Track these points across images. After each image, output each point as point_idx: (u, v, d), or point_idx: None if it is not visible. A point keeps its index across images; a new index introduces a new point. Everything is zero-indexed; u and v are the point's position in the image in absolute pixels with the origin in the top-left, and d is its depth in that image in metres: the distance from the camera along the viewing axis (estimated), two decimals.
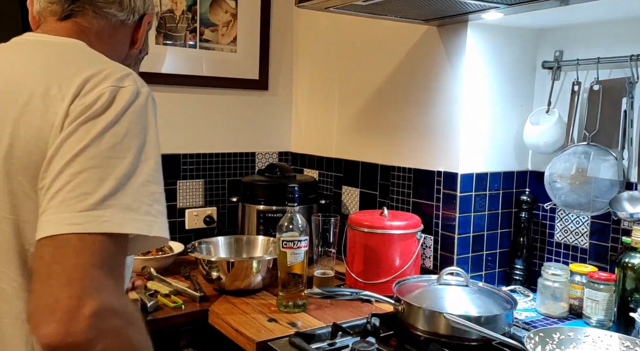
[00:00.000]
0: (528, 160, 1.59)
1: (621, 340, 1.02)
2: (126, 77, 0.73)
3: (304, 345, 1.13)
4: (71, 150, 0.65)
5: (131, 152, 0.67)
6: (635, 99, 1.29)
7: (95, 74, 0.71)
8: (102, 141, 0.66)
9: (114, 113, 0.68)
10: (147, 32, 0.96)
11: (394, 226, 1.44)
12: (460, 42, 1.45)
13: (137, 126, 0.69)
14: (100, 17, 0.85)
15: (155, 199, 0.68)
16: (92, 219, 0.62)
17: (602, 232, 1.40)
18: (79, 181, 0.63)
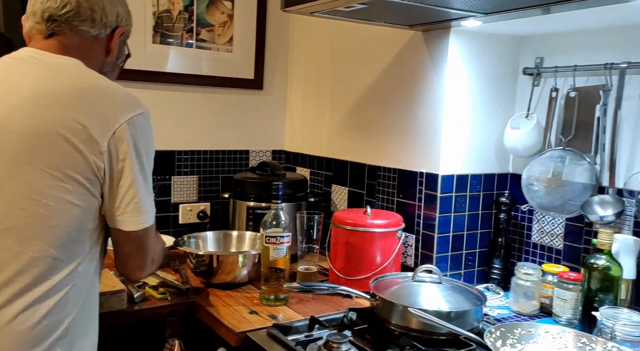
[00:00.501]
0: (509, 163, 1.64)
1: (578, 336, 1.06)
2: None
3: (280, 336, 1.18)
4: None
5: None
6: (608, 106, 1.33)
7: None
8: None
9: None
10: (122, 43, 1.10)
11: (376, 224, 1.50)
12: (443, 48, 1.49)
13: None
14: (77, 35, 1.00)
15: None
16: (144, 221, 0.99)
17: (576, 234, 1.44)
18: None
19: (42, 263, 0.88)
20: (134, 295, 1.35)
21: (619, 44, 1.33)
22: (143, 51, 1.88)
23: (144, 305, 1.35)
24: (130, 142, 0.93)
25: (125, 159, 0.93)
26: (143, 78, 1.89)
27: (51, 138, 0.88)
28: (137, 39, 1.86)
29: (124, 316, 1.30)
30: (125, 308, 1.31)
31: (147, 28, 1.88)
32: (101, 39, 1.03)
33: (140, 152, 0.96)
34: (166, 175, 1.97)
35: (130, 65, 1.82)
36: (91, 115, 0.91)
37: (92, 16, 1.00)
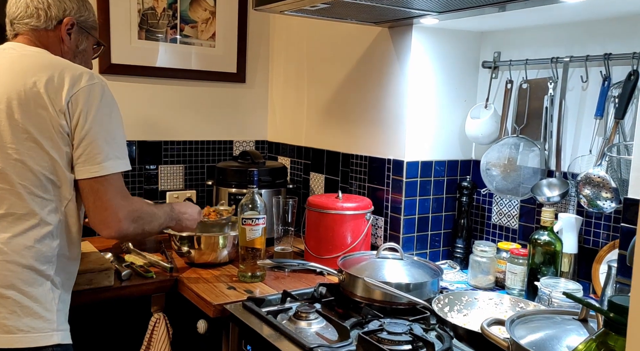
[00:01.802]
0: (472, 151, 1.76)
1: (516, 302, 1.19)
2: (92, 76, 1.18)
3: (254, 307, 1.30)
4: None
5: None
6: (555, 97, 1.45)
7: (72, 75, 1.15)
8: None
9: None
10: (81, 32, 1.28)
11: (345, 207, 1.62)
12: (407, 43, 1.61)
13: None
14: (31, 30, 1.21)
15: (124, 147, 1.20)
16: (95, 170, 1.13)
17: (529, 214, 1.57)
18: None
19: (29, 199, 1.09)
20: (122, 273, 1.47)
21: (563, 39, 1.44)
22: (129, 47, 1.98)
23: (131, 282, 1.47)
24: (85, 104, 1.12)
25: (80, 117, 1.11)
26: (129, 72, 2.00)
27: (21, 101, 1.09)
28: (123, 35, 1.96)
29: (111, 292, 1.42)
30: (113, 285, 1.42)
31: (132, 25, 1.98)
32: (52, 31, 1.22)
33: (99, 110, 1.14)
34: (153, 165, 2.08)
35: (116, 60, 1.95)
36: (53, 84, 1.11)
37: (37, 13, 1.20)
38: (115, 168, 1.15)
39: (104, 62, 1.94)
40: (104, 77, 1.98)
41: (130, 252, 1.68)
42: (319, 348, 1.10)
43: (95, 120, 1.13)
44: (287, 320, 1.28)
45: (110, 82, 1.99)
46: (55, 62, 1.16)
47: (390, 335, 1.15)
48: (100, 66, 1.94)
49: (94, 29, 1.31)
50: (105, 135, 1.14)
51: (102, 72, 1.94)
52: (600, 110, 1.33)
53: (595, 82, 1.38)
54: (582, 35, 1.40)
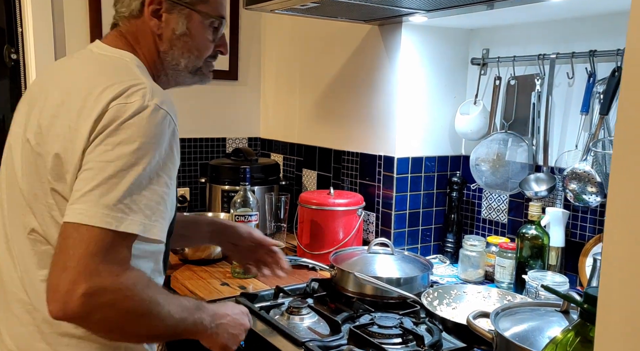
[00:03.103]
0: (462, 146, 1.78)
1: (504, 294, 1.22)
2: (134, 94, 0.82)
3: (247, 303, 1.32)
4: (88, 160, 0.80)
5: (121, 160, 0.78)
6: (542, 93, 1.47)
7: (114, 96, 0.81)
8: (101, 149, 0.79)
9: (114, 125, 0.79)
10: (178, 11, 0.92)
11: (337, 203, 1.64)
12: (396, 41, 1.62)
13: (132, 136, 0.79)
14: (122, 19, 0.94)
15: (145, 203, 0.79)
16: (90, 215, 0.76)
17: (517, 209, 1.60)
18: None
19: None
20: None
21: (550, 37, 1.47)
22: None
23: None
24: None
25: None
26: None
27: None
28: None
29: None
30: None
31: None
32: (139, 17, 0.92)
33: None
34: None
35: None
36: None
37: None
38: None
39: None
40: None
41: None
42: (310, 342, 1.12)
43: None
44: (279, 315, 1.30)
45: None
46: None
47: (380, 329, 1.18)
48: None
49: (201, 0, 0.93)
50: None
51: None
52: (585, 106, 1.36)
53: (580, 78, 1.40)
54: (568, 32, 1.43)
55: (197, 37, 0.95)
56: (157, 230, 0.81)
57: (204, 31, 0.96)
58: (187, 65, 0.99)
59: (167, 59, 0.97)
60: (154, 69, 0.99)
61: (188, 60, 0.98)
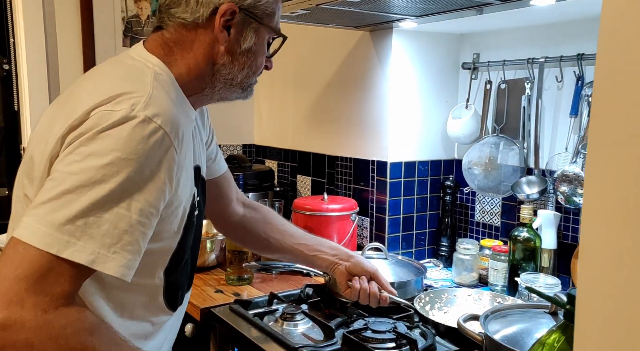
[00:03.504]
0: (454, 150, 1.79)
1: (494, 297, 1.22)
2: (124, 101, 0.71)
3: (241, 309, 1.32)
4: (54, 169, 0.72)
5: (85, 173, 0.68)
6: (532, 96, 1.48)
7: (102, 102, 0.72)
8: (67, 161, 0.70)
9: (90, 133, 0.70)
10: (249, 26, 0.86)
11: (331, 209, 1.64)
12: (387, 46, 1.64)
13: (106, 148, 0.69)
14: (178, 26, 0.84)
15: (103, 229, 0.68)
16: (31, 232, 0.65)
17: (510, 212, 1.60)
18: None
19: None
20: None
21: (539, 41, 1.48)
22: (114, 54, 1.99)
23: None
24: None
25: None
26: None
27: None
28: (107, 43, 1.98)
29: None
30: None
31: (117, 32, 1.99)
32: (203, 28, 0.83)
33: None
34: None
35: None
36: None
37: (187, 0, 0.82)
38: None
39: (88, 70, 1.94)
40: None
41: None
42: (304, 348, 1.12)
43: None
44: (273, 321, 1.29)
45: None
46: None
47: (374, 334, 1.18)
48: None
49: (268, 15, 0.87)
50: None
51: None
52: (574, 109, 1.37)
53: (569, 81, 1.41)
54: (556, 36, 1.44)
55: (259, 53, 0.90)
56: (113, 264, 0.68)
57: (264, 47, 0.91)
58: (242, 81, 0.90)
59: (222, 72, 0.87)
60: (196, 82, 0.87)
61: (245, 76, 0.89)
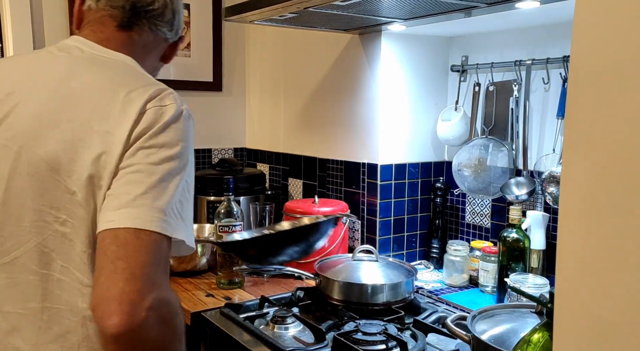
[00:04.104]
0: (444, 152, 1.80)
1: None
2: (166, 97, 0.82)
3: (231, 313, 1.32)
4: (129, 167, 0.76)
5: (168, 163, 0.77)
6: (519, 98, 1.50)
7: (148, 98, 0.80)
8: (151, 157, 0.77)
9: (156, 128, 0.78)
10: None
11: (322, 212, 1.64)
12: (376, 49, 1.64)
13: (174, 140, 0.79)
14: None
15: (187, 213, 0.79)
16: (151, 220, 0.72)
17: (500, 213, 1.61)
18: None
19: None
20: None
21: (526, 43, 1.49)
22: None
23: None
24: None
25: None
26: None
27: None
28: None
29: None
30: None
31: None
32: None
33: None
34: None
35: None
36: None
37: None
38: None
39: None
40: None
41: None
42: None
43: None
44: (264, 325, 1.30)
45: None
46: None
47: (364, 336, 1.18)
48: None
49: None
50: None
51: None
52: (561, 111, 1.38)
53: (556, 83, 1.42)
54: (543, 38, 1.45)
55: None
56: (193, 239, 0.80)
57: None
58: None
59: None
60: None
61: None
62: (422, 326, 1.24)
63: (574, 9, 0.41)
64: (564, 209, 0.43)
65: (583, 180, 0.42)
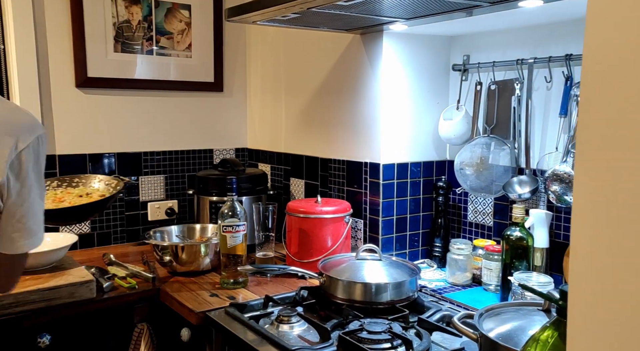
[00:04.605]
0: (446, 151, 1.81)
1: None
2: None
3: (236, 313, 1.32)
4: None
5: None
6: (522, 97, 1.50)
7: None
8: None
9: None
10: None
11: (324, 211, 1.64)
12: (378, 48, 1.65)
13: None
14: None
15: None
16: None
17: (503, 212, 1.62)
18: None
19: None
20: (103, 285, 1.47)
21: (527, 42, 1.50)
22: (105, 60, 1.99)
23: (113, 293, 1.48)
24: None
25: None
26: (106, 85, 2.00)
27: None
28: (98, 48, 1.97)
29: (93, 304, 1.43)
30: (95, 297, 1.43)
31: (107, 38, 1.99)
32: None
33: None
34: (134, 176, 2.09)
35: (92, 73, 1.96)
36: None
37: None
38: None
39: (80, 75, 1.94)
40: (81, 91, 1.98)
41: (112, 263, 1.68)
42: (300, 350, 1.12)
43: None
44: (269, 324, 1.30)
45: (88, 96, 2.02)
46: None
47: (369, 334, 1.18)
48: (77, 80, 1.94)
49: None
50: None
51: (79, 86, 1.95)
52: (564, 109, 1.39)
53: (558, 81, 1.43)
54: (545, 37, 1.46)
55: None
56: None
57: None
58: None
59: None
60: None
61: None
62: (427, 324, 1.25)
63: (587, 7, 0.41)
64: (577, 208, 0.43)
65: (596, 179, 0.42)
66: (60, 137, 1.93)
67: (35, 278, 1.42)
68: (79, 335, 1.47)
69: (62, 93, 1.93)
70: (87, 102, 1.98)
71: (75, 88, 1.95)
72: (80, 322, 1.46)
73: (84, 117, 1.98)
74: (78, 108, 1.96)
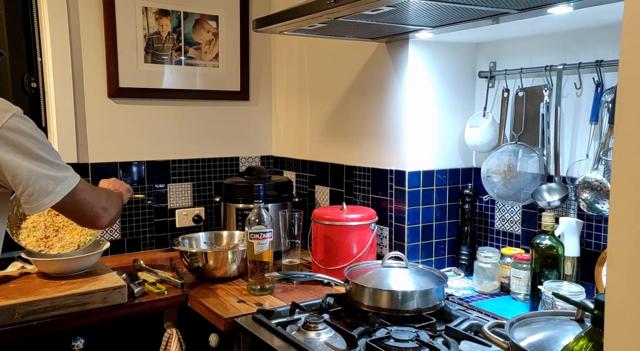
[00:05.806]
0: (472, 158, 1.79)
1: None
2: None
3: (264, 319, 1.34)
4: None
5: None
6: (550, 103, 1.49)
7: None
8: None
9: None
10: None
11: (350, 219, 1.65)
12: (404, 56, 1.65)
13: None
14: None
15: None
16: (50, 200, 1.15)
17: (531, 220, 1.59)
18: None
19: None
20: (134, 290, 1.51)
21: (555, 48, 1.48)
22: (136, 70, 2.04)
23: (144, 299, 1.51)
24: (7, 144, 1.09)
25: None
26: (136, 95, 2.06)
27: None
28: (130, 59, 2.03)
29: (125, 309, 1.46)
30: (126, 302, 1.46)
31: (138, 49, 2.04)
32: None
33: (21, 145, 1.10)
34: (162, 183, 2.13)
35: (124, 84, 2.02)
36: None
37: None
38: None
39: (112, 86, 2.00)
40: (112, 101, 2.04)
41: (142, 269, 1.72)
42: None
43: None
44: (296, 331, 1.31)
45: (119, 105, 2.08)
46: None
47: (397, 342, 1.18)
48: (109, 90, 2.00)
49: None
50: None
51: (111, 96, 2.01)
52: (594, 116, 1.37)
53: (588, 88, 1.41)
54: (573, 43, 1.44)
55: None
56: None
57: None
58: None
59: None
60: None
61: None
62: (454, 333, 1.24)
63: (623, 13, 0.42)
64: (614, 218, 0.43)
65: (633, 187, 0.42)
66: (92, 145, 1.99)
67: (70, 283, 1.47)
68: (110, 339, 1.51)
69: (95, 103, 1.99)
70: (118, 111, 2.04)
71: (107, 98, 2.01)
72: (112, 326, 1.49)
73: (115, 126, 2.03)
74: (110, 117, 2.02)
